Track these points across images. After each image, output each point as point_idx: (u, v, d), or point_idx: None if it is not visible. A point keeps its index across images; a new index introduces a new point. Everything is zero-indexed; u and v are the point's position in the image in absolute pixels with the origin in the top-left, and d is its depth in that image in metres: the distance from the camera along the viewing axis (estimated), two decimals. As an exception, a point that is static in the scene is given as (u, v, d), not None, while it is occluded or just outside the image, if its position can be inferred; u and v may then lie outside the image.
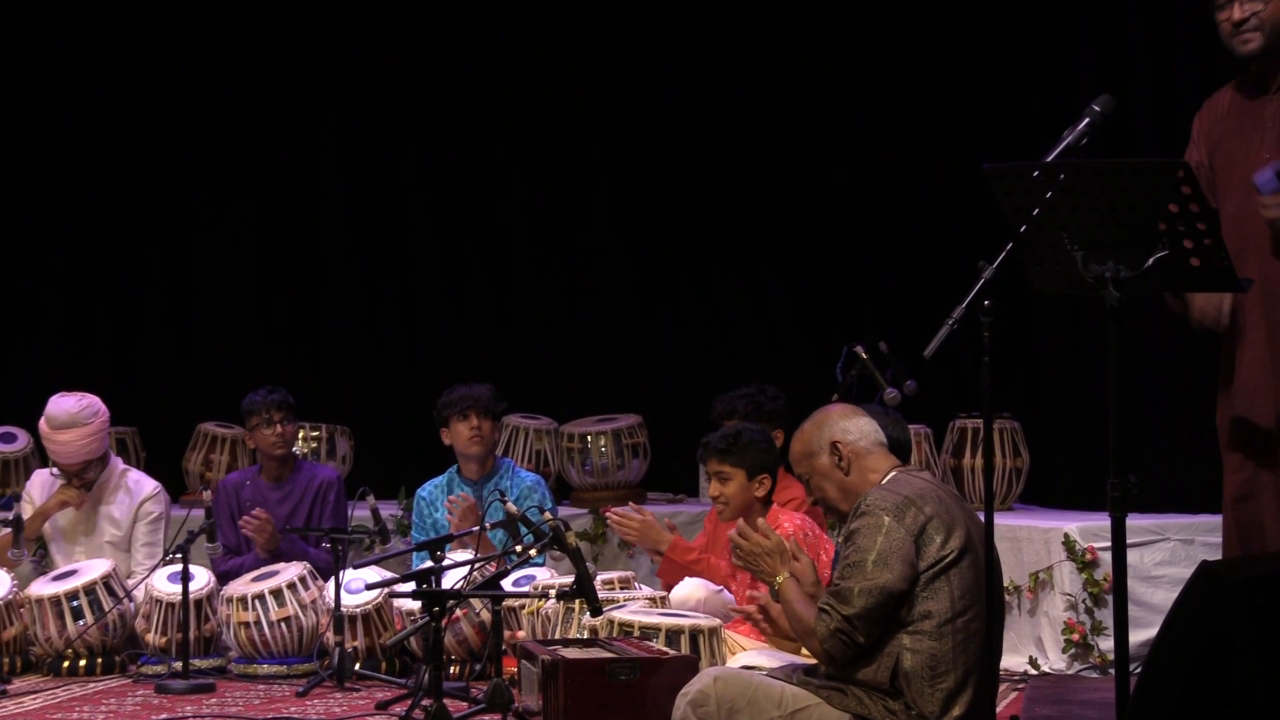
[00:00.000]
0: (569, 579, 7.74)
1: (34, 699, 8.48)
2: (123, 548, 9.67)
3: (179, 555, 8.83)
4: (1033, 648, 8.99)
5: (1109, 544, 6.43)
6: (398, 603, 8.80)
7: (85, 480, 9.64)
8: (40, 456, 10.49)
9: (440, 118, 11.72)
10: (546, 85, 11.60)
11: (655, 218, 11.50)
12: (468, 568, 8.12)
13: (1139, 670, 6.06)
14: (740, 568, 6.93)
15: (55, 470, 9.76)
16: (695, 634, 7.58)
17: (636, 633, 7.62)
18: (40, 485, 9.82)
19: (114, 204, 11.84)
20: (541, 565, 8.83)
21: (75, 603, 9.12)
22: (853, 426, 6.61)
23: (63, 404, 9.52)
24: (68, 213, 11.83)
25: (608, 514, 8.89)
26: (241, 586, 9.08)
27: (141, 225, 11.88)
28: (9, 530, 9.36)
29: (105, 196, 11.82)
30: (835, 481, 6.55)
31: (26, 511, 9.61)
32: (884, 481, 6.48)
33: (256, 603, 8.98)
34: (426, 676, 7.22)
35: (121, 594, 9.22)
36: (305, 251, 11.95)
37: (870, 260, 10.86)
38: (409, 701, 7.63)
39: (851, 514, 6.43)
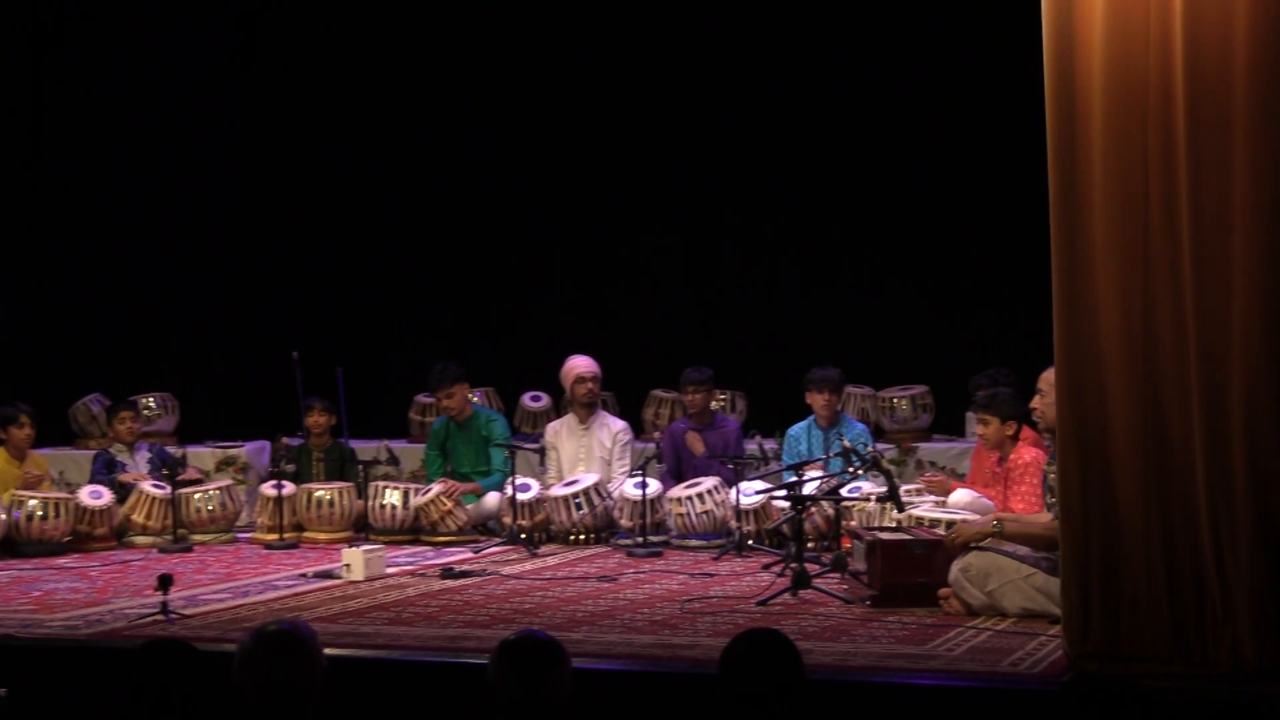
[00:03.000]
0: (883, 489, 7.88)
1: (553, 557, 8.77)
2: (606, 463, 9.79)
3: (640, 471, 9.06)
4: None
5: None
6: (775, 502, 8.78)
7: (588, 392, 9.74)
8: (556, 411, 10.60)
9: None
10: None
11: (949, 256, 10.94)
12: (819, 480, 8.18)
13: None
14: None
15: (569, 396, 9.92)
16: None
17: (927, 523, 7.69)
18: (551, 432, 9.95)
19: (588, 226, 11.55)
20: (866, 480, 8.73)
21: (577, 500, 9.27)
22: None
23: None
24: (559, 230, 11.59)
25: (922, 478, 8.90)
26: (679, 490, 9.16)
27: (604, 254, 11.61)
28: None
29: (584, 217, 11.55)
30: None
31: (550, 452, 9.79)
32: None
33: (688, 501, 9.06)
34: (794, 549, 7.33)
35: (605, 495, 9.40)
36: (712, 274, 11.55)
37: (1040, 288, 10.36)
38: (782, 564, 7.61)
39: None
